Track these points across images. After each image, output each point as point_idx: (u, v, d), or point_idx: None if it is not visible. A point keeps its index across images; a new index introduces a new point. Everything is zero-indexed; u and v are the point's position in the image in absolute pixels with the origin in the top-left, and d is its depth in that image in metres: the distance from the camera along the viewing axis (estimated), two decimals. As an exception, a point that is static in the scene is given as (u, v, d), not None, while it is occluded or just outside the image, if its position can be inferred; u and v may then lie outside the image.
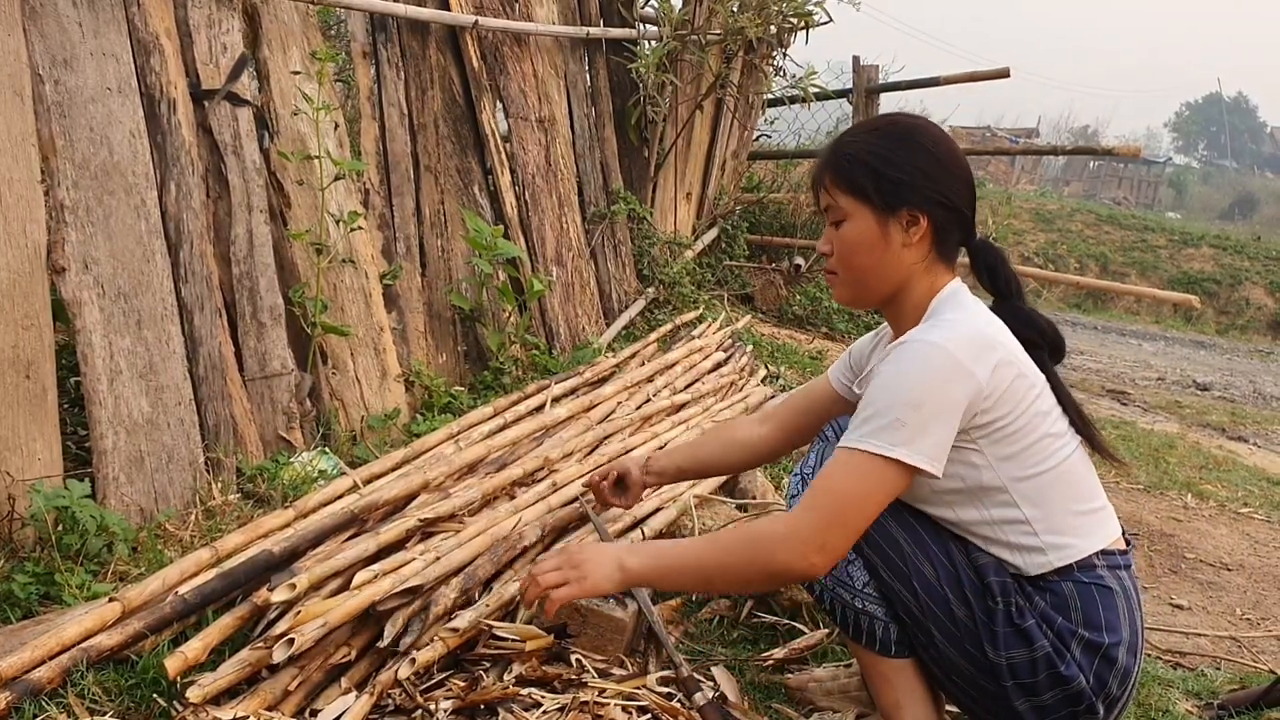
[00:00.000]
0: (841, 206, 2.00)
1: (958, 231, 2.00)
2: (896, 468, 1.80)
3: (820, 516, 1.81)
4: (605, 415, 3.70)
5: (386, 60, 4.17)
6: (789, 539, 1.82)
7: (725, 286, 6.74)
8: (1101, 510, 1.97)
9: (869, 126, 2.06)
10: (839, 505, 1.81)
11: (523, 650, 2.27)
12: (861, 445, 1.81)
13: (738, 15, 5.84)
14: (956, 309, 1.94)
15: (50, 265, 2.75)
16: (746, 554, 1.85)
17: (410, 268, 4.18)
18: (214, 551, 2.48)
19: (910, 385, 1.81)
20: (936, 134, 2.00)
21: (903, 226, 1.95)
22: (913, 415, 1.79)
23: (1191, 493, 4.66)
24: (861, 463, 1.81)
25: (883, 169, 1.95)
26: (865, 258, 1.99)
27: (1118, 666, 1.88)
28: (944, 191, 1.95)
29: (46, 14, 2.83)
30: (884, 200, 1.95)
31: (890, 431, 1.79)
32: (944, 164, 1.96)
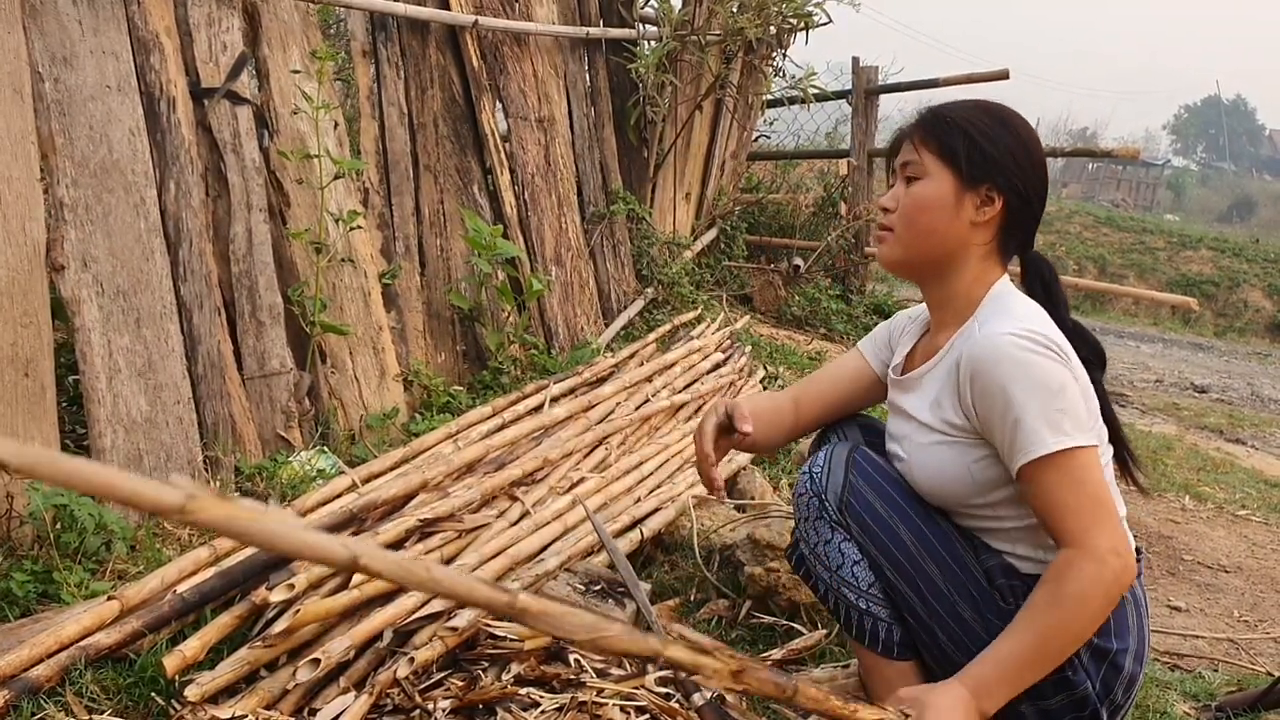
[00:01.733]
0: (924, 164, 1.97)
1: (1022, 231, 2.00)
2: (1084, 449, 1.78)
3: (1098, 530, 1.76)
4: (604, 415, 3.70)
5: (386, 59, 4.17)
6: (1106, 562, 1.74)
7: (724, 287, 6.74)
8: (1122, 522, 1.96)
9: (973, 102, 2.05)
10: (1098, 508, 1.78)
11: (521, 650, 2.27)
12: (1046, 450, 1.77)
13: (738, 16, 5.84)
14: (1019, 304, 1.94)
15: (49, 263, 2.75)
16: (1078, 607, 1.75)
17: (409, 267, 4.18)
18: (212, 550, 2.48)
19: (1041, 377, 1.79)
20: (1032, 130, 2.02)
21: (978, 202, 1.94)
22: (1064, 400, 1.78)
23: (1189, 495, 4.66)
24: (1067, 464, 1.78)
25: (979, 139, 1.94)
26: (931, 219, 1.96)
27: (1124, 674, 1.88)
28: (1025, 182, 1.94)
29: (46, 12, 2.83)
30: (970, 169, 1.94)
31: (1058, 425, 1.77)
32: (1032, 158, 1.97)
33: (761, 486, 3.40)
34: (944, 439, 1.94)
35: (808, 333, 6.62)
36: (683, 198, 6.41)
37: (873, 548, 2.00)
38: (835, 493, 2.05)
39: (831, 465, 2.08)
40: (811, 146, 9.35)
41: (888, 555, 1.98)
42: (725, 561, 2.90)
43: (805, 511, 2.12)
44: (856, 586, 2.03)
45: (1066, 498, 1.79)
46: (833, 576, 2.07)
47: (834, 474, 2.06)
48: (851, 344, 6.55)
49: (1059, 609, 1.76)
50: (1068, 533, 1.78)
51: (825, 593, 2.11)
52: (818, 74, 6.72)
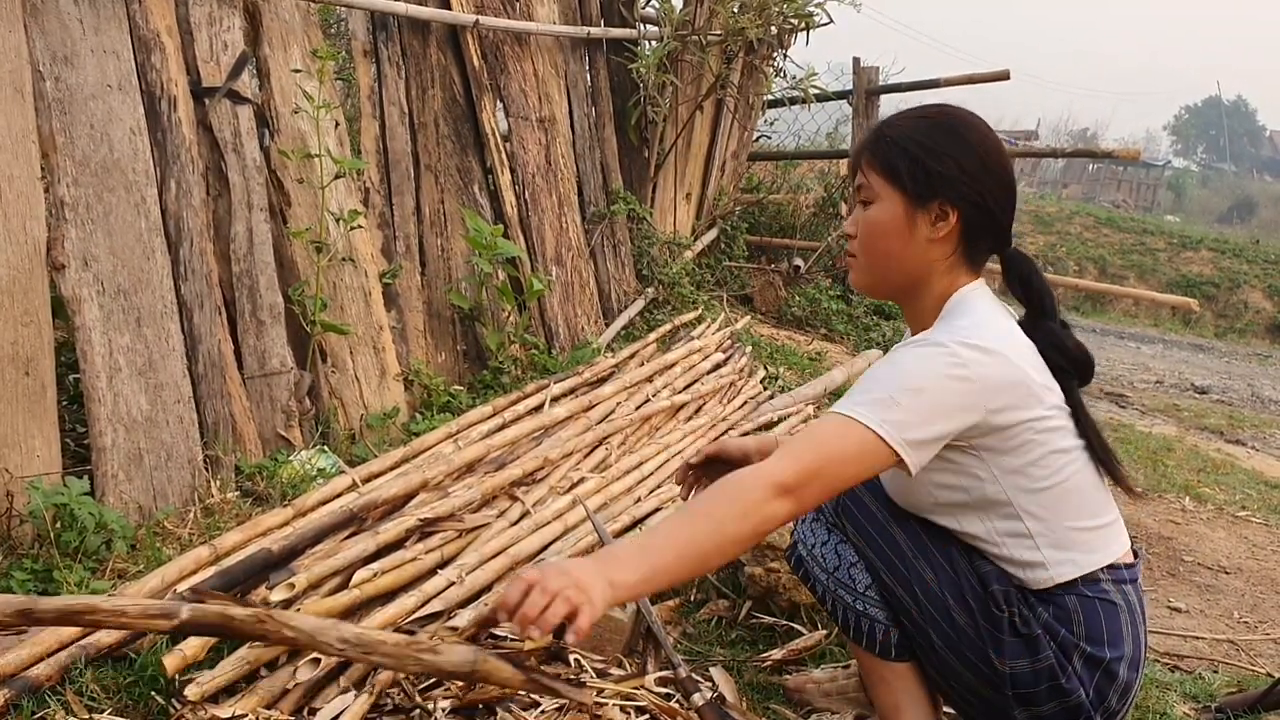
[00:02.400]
0: (873, 187, 1.93)
1: (989, 237, 1.93)
2: (878, 444, 1.70)
3: (795, 460, 1.68)
4: (604, 415, 3.70)
5: (387, 59, 4.17)
6: (758, 476, 1.66)
7: (724, 287, 6.73)
8: (1109, 526, 1.93)
9: (918, 113, 1.99)
10: (817, 455, 1.69)
11: (521, 650, 2.27)
12: (852, 412, 1.72)
13: (739, 16, 5.84)
14: (969, 313, 1.88)
15: (50, 262, 2.75)
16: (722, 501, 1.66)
17: (410, 267, 4.18)
18: (213, 549, 2.48)
19: (914, 372, 1.76)
20: (985, 132, 1.94)
21: (930, 219, 1.88)
22: (909, 399, 1.72)
23: (1189, 496, 4.66)
24: (848, 427, 1.72)
25: (921, 156, 1.88)
26: (887, 243, 1.92)
27: (1118, 681, 1.86)
28: (980, 191, 1.88)
29: (48, 11, 2.83)
30: (916, 188, 1.88)
31: (883, 408, 1.71)
32: (985, 164, 1.89)
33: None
34: None
35: (808, 333, 6.62)
36: (683, 198, 6.41)
37: (868, 550, 2.00)
38: None
39: None
40: (812, 147, 9.35)
41: (883, 557, 1.98)
42: (725, 562, 2.90)
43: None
44: (853, 588, 2.03)
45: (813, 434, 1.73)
46: (830, 578, 2.07)
47: None
48: (852, 344, 6.56)
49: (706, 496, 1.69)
50: (784, 448, 1.71)
51: (823, 594, 2.11)
52: (818, 74, 6.72)
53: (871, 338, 6.68)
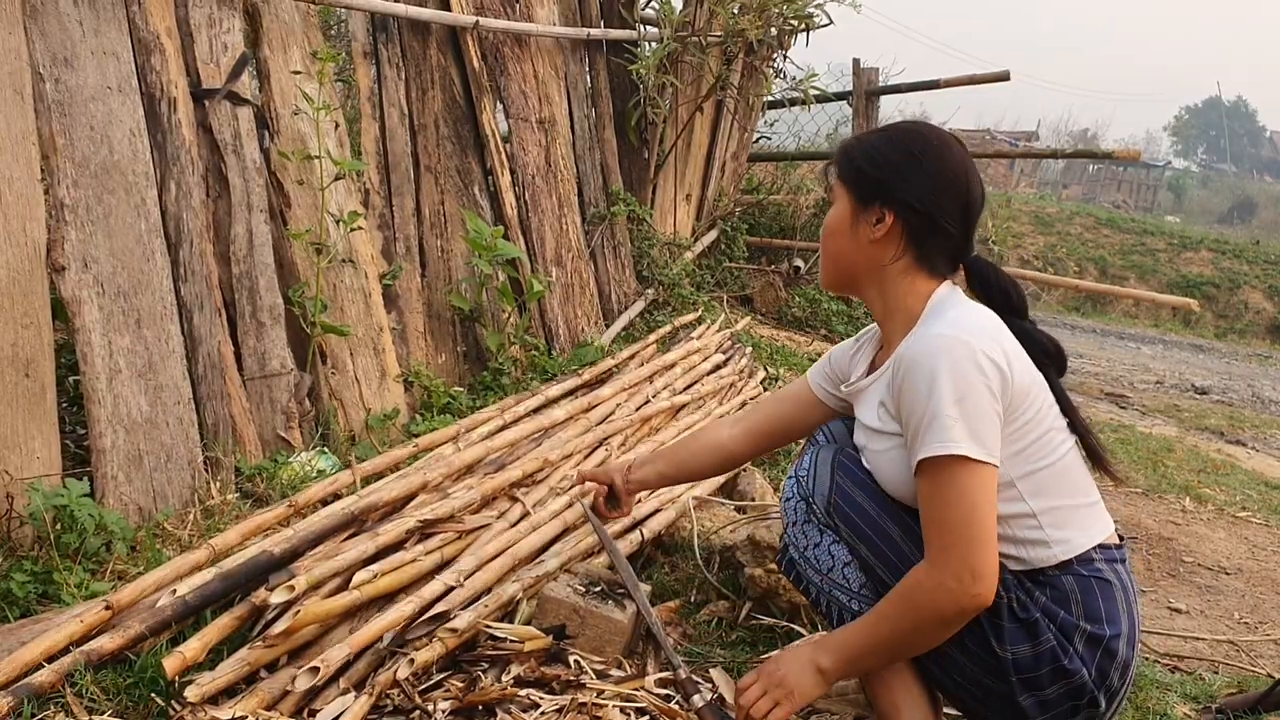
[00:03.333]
0: (834, 190, 2.09)
1: (938, 241, 2.00)
2: (968, 464, 1.78)
3: (954, 550, 1.79)
4: (605, 416, 3.70)
5: (387, 60, 4.17)
6: (942, 586, 1.79)
7: (724, 288, 6.74)
8: (1097, 504, 2.00)
9: (884, 128, 2.15)
10: (958, 528, 1.78)
11: (521, 651, 2.27)
12: (927, 453, 1.80)
13: (738, 17, 5.84)
14: (955, 307, 1.95)
15: (50, 264, 2.75)
16: (914, 619, 1.84)
17: (410, 268, 4.18)
18: (210, 550, 2.48)
19: (946, 383, 1.79)
20: (939, 146, 2.01)
21: (871, 221, 2.00)
22: (960, 409, 1.78)
23: (1190, 496, 4.66)
24: (940, 474, 1.80)
25: (864, 163, 2.02)
26: (834, 241, 2.08)
27: (1118, 659, 1.90)
28: (917, 197, 1.97)
29: (47, 12, 2.83)
30: (860, 192, 2.03)
31: (946, 431, 1.78)
32: (926, 171, 1.98)
33: (761, 487, 3.40)
34: (893, 443, 1.96)
35: (808, 334, 6.62)
36: (683, 199, 6.41)
37: (863, 548, 2.01)
38: (823, 495, 2.07)
39: (817, 468, 2.10)
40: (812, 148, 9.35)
41: (878, 554, 1.99)
42: (726, 563, 2.90)
43: (793, 516, 2.14)
44: (848, 588, 2.04)
45: (935, 508, 1.82)
46: (824, 579, 2.08)
47: (820, 477, 2.08)
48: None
49: (894, 614, 1.87)
50: (928, 545, 1.84)
51: (817, 596, 2.12)
52: (818, 75, 6.73)
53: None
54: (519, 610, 2.46)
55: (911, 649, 1.91)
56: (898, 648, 1.91)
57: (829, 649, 1.95)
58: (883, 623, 1.89)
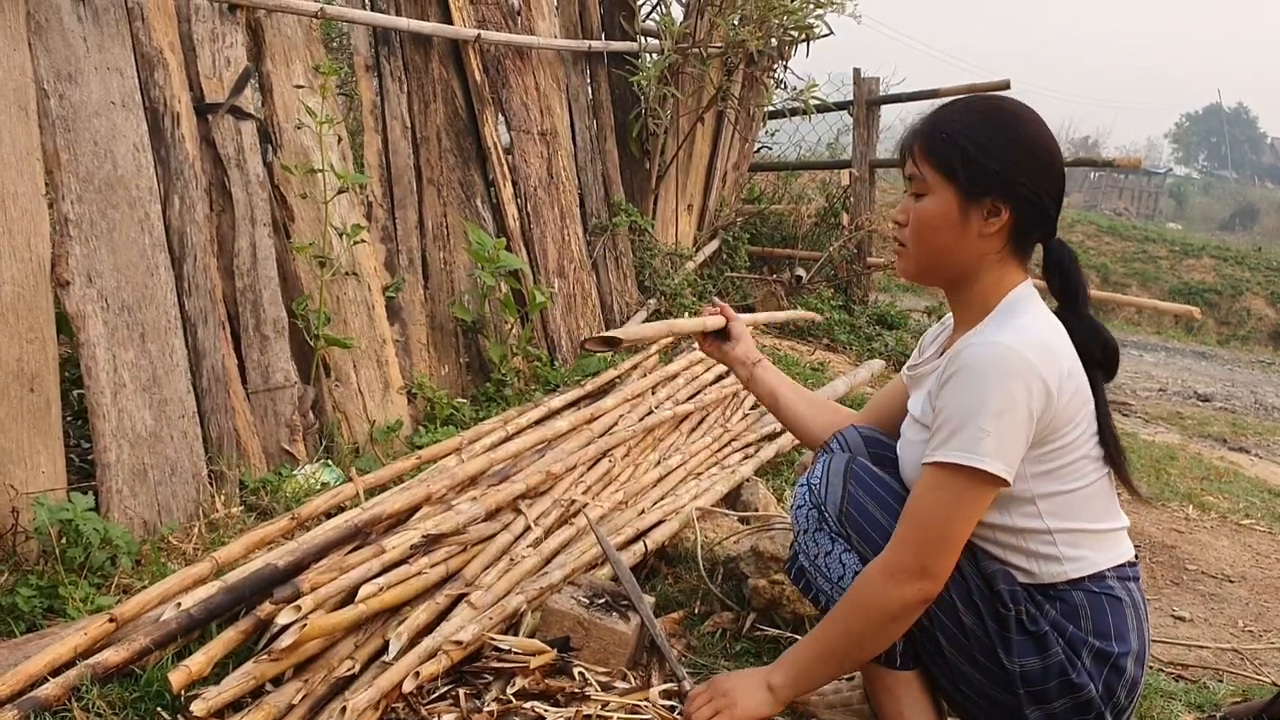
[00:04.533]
0: (926, 179, 1.95)
1: (1039, 229, 1.96)
2: (983, 478, 1.78)
3: (913, 544, 1.80)
4: (607, 428, 3.70)
5: (389, 74, 4.19)
6: (890, 576, 1.81)
7: (726, 298, 6.74)
8: (1119, 531, 1.99)
9: (971, 105, 2.00)
10: (930, 528, 1.80)
11: (526, 664, 2.27)
12: (947, 457, 1.79)
13: (739, 28, 5.85)
14: (1026, 313, 1.91)
15: (54, 279, 2.76)
16: (861, 612, 1.85)
17: (413, 280, 4.19)
18: (214, 562, 2.48)
19: (992, 393, 1.77)
20: (1038, 127, 1.95)
21: (983, 215, 1.91)
22: (996, 424, 1.77)
23: (1193, 504, 4.66)
24: (948, 478, 1.80)
25: (975, 153, 1.90)
26: (938, 237, 1.95)
27: (1126, 676, 1.89)
28: (1033, 187, 1.90)
29: (51, 29, 2.84)
30: (970, 185, 1.90)
31: (976, 442, 1.77)
32: (1039, 159, 1.92)
33: (765, 498, 3.41)
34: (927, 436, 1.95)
35: (810, 343, 6.62)
36: (685, 209, 6.42)
37: (873, 557, 2.01)
38: (834, 504, 2.06)
39: (830, 476, 2.09)
40: (813, 157, 9.36)
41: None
42: (729, 574, 2.91)
43: (805, 524, 2.12)
44: (857, 597, 2.04)
45: (922, 506, 1.83)
46: (833, 588, 2.07)
47: (832, 485, 2.07)
48: (854, 354, 6.57)
49: (842, 615, 1.91)
50: (895, 536, 1.85)
51: (826, 604, 2.11)
52: (819, 85, 6.74)
53: (874, 348, 6.68)
54: (523, 622, 2.47)
55: (860, 651, 1.92)
56: (847, 652, 1.93)
57: (780, 665, 1.99)
58: (830, 627, 1.92)
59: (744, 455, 3.89)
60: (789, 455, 4.08)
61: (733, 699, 1.97)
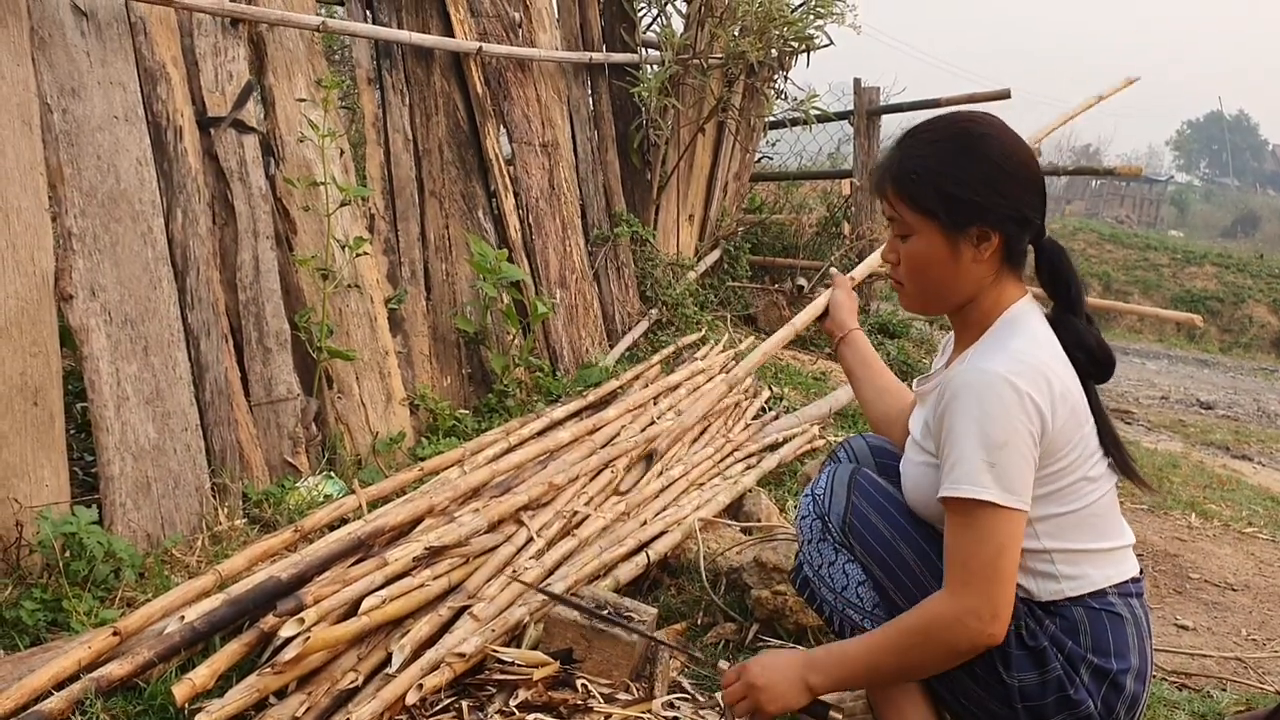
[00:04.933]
0: (907, 221, 1.94)
1: (1029, 236, 1.96)
2: (998, 509, 1.77)
3: (977, 588, 1.78)
4: (609, 438, 3.71)
5: (391, 86, 4.20)
6: (962, 622, 1.78)
7: (728, 307, 6.75)
8: (1121, 550, 1.97)
9: (934, 135, 1.96)
10: (983, 569, 1.77)
11: (529, 676, 2.27)
12: (959, 493, 1.78)
13: (739, 39, 5.87)
14: (1020, 334, 1.90)
15: (58, 292, 2.77)
16: (927, 649, 1.83)
17: (415, 292, 4.20)
18: (217, 575, 2.49)
19: (990, 424, 1.77)
20: (1006, 142, 1.92)
21: (973, 243, 1.90)
22: (1000, 455, 1.76)
23: (1195, 512, 4.65)
24: (969, 515, 1.78)
25: (950, 188, 1.88)
26: (934, 273, 1.95)
27: (1125, 693, 1.88)
28: (1015, 204, 1.89)
29: (55, 44, 2.86)
30: (953, 219, 1.89)
31: (980, 474, 1.76)
32: (1014, 175, 1.90)
33: (768, 509, 3.41)
34: (928, 459, 1.95)
35: (812, 353, 6.62)
36: (686, 219, 6.43)
37: (876, 568, 2.01)
38: (838, 514, 2.06)
39: (834, 487, 2.09)
40: (814, 167, 9.37)
41: (891, 576, 1.99)
42: (732, 585, 2.91)
43: (809, 534, 2.13)
44: (861, 607, 2.04)
45: (961, 547, 1.81)
46: (837, 598, 2.07)
47: (836, 496, 2.08)
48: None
49: (905, 642, 1.85)
50: (949, 579, 1.82)
51: (830, 615, 2.12)
52: (819, 95, 6.76)
53: (876, 356, 6.67)
54: (526, 634, 2.47)
55: (909, 677, 1.92)
56: (898, 675, 1.92)
57: (822, 668, 1.92)
58: (889, 648, 1.87)
59: (746, 465, 3.89)
60: (791, 465, 4.09)
61: (771, 693, 1.91)
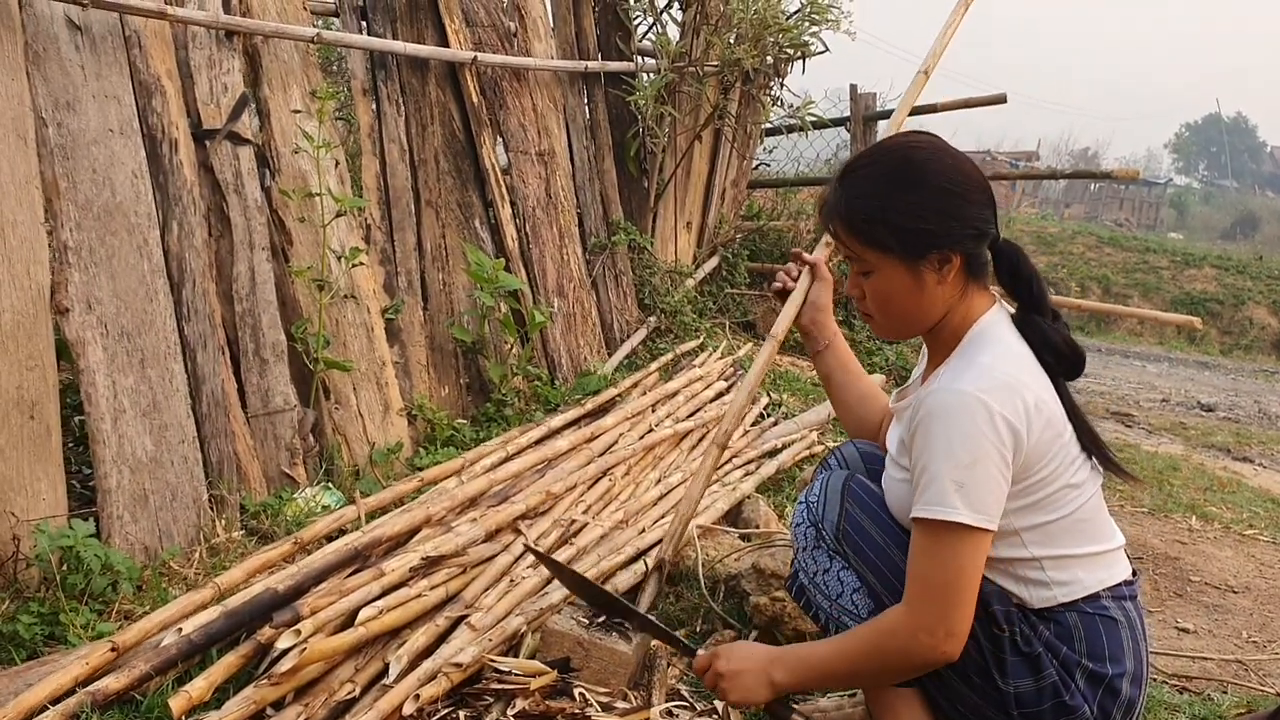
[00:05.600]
0: (865, 259, 1.94)
1: (985, 244, 1.96)
2: (966, 530, 1.77)
3: (934, 606, 1.79)
4: (608, 446, 3.70)
5: (386, 97, 4.21)
6: (915, 638, 1.80)
7: (726, 314, 6.75)
8: (1112, 552, 1.96)
9: (876, 170, 1.95)
10: (943, 588, 1.78)
11: (526, 686, 2.27)
12: (929, 514, 1.78)
13: (735, 47, 5.88)
14: (988, 349, 1.89)
15: (54, 306, 2.77)
16: (880, 660, 1.85)
17: (412, 302, 4.20)
18: (216, 588, 2.49)
19: (958, 444, 1.77)
20: (948, 162, 1.91)
21: (934, 268, 1.89)
22: (968, 474, 1.76)
23: (1196, 515, 4.64)
24: (936, 535, 1.79)
25: (902, 221, 1.87)
26: (901, 303, 1.94)
27: (1121, 698, 1.88)
28: (969, 223, 1.89)
29: (49, 58, 2.86)
30: (910, 251, 1.89)
31: (949, 495, 1.76)
32: (963, 195, 1.89)
33: (766, 516, 3.40)
34: (904, 476, 1.95)
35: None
36: (684, 227, 6.44)
37: (870, 575, 2.01)
38: (832, 521, 2.06)
39: (827, 494, 2.09)
40: (811, 173, 9.38)
41: (885, 582, 1.98)
42: (730, 591, 2.90)
43: (803, 541, 2.13)
44: (856, 614, 2.03)
45: (923, 564, 1.81)
46: (833, 605, 2.07)
47: (830, 503, 2.08)
48: (855, 369, 6.56)
49: (861, 650, 1.88)
50: (909, 593, 1.83)
51: (826, 622, 2.11)
52: (815, 102, 6.76)
53: (874, 362, 6.68)
54: (523, 644, 2.46)
55: (868, 683, 1.97)
56: (856, 680, 1.97)
57: (787, 665, 1.96)
58: (847, 655, 1.90)
59: (745, 472, 3.89)
60: (790, 471, 4.08)
61: (736, 682, 1.96)
